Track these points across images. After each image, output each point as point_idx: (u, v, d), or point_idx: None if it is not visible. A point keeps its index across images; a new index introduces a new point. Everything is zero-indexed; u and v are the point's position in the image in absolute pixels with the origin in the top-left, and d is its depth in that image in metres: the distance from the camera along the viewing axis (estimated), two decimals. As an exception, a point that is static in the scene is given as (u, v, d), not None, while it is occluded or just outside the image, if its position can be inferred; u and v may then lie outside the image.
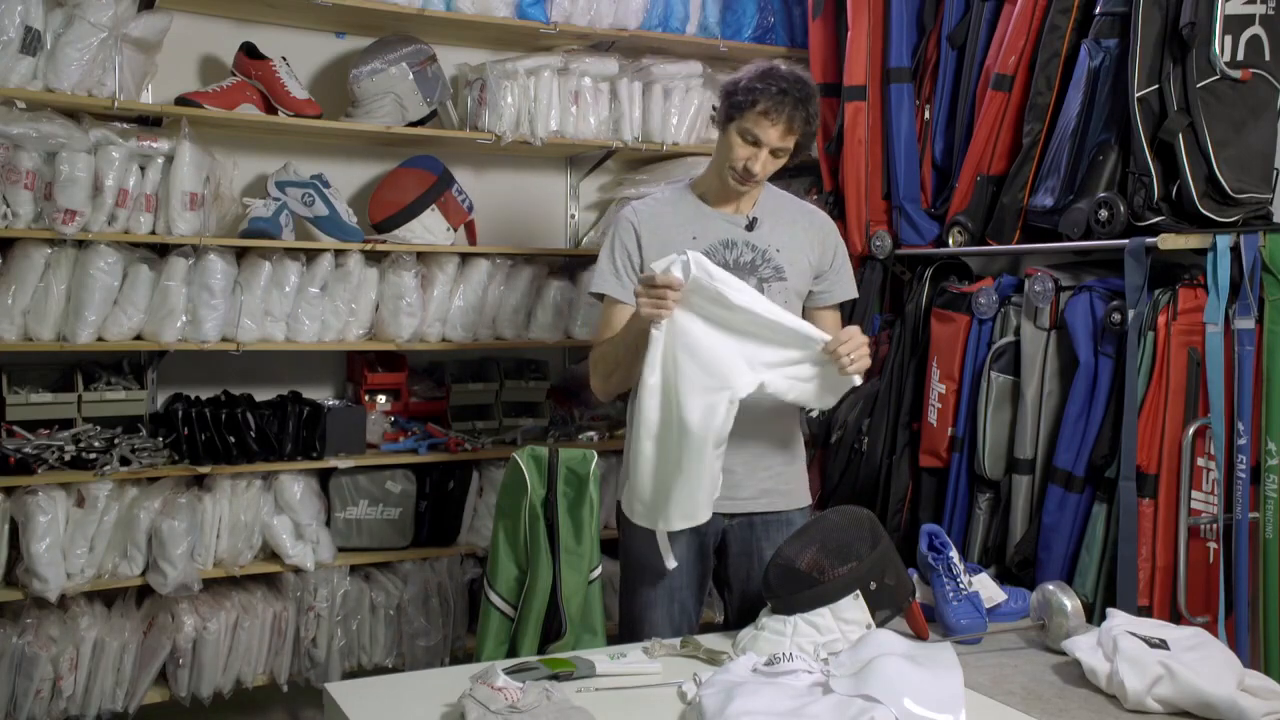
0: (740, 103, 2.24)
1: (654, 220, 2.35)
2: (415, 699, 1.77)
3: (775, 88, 2.21)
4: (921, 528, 2.31)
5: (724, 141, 2.30)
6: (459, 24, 3.31)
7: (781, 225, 2.38)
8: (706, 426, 2.08)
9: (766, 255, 2.34)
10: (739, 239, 2.34)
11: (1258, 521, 2.38)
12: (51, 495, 2.88)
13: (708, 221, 2.35)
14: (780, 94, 2.20)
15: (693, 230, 2.33)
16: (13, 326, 2.88)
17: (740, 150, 2.26)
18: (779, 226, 2.38)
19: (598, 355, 2.36)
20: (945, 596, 2.15)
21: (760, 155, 2.25)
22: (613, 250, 2.36)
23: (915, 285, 3.13)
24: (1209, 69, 2.46)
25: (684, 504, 2.14)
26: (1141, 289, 2.46)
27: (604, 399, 2.48)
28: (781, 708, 1.62)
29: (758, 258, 2.34)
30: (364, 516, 3.28)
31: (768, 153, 2.25)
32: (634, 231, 2.34)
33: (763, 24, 3.68)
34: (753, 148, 2.25)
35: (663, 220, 2.35)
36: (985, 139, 2.92)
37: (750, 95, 2.22)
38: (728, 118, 2.28)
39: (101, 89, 2.87)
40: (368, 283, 3.25)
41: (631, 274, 2.32)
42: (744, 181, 2.29)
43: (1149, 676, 1.76)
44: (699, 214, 2.37)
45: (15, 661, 2.82)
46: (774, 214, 2.39)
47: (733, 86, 2.27)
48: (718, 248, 2.32)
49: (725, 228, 2.35)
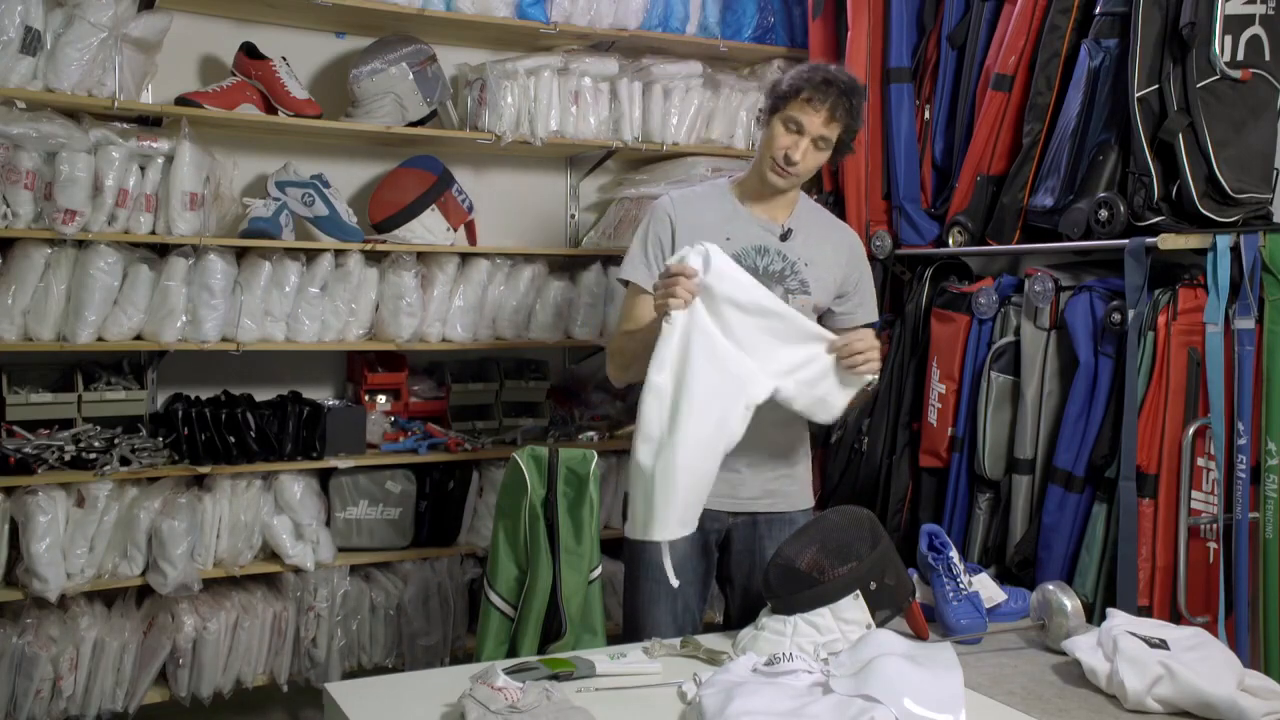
0: (785, 93, 2.26)
1: (691, 214, 2.33)
2: (415, 699, 1.77)
3: (820, 77, 2.23)
4: (921, 528, 2.31)
5: (767, 134, 2.30)
6: (459, 24, 3.31)
7: (814, 240, 2.37)
8: (719, 432, 2.04)
9: (795, 268, 2.33)
10: (772, 246, 2.33)
11: (1258, 521, 2.38)
12: (51, 495, 2.88)
13: (744, 224, 2.34)
14: (824, 83, 2.22)
15: (727, 230, 2.31)
16: (13, 326, 2.88)
17: (782, 138, 2.26)
18: (811, 241, 2.37)
19: (617, 345, 2.36)
20: (945, 596, 2.15)
21: (802, 144, 2.25)
22: (645, 238, 2.34)
23: (915, 285, 3.13)
24: (1209, 69, 2.46)
25: (685, 511, 2.07)
26: (1141, 289, 2.46)
27: (619, 385, 2.47)
28: (781, 708, 1.62)
29: (787, 268, 2.32)
30: (364, 516, 3.28)
31: (809, 142, 2.25)
32: (669, 222, 2.33)
33: (763, 24, 3.68)
34: (795, 135, 2.25)
35: (700, 215, 2.34)
36: (985, 139, 2.92)
37: (795, 84, 2.25)
38: (772, 109, 2.29)
39: (101, 89, 2.87)
40: (368, 283, 3.25)
41: (661, 264, 2.30)
42: (784, 172, 2.27)
43: (1149, 676, 1.76)
44: (736, 215, 2.35)
45: (15, 661, 2.82)
46: (808, 227, 2.38)
47: (779, 81, 2.30)
48: (750, 252, 2.31)
49: (760, 233, 2.33)
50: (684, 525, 2.06)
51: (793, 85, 2.25)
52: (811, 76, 2.24)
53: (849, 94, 2.24)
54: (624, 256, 2.39)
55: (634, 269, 2.34)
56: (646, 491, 2.02)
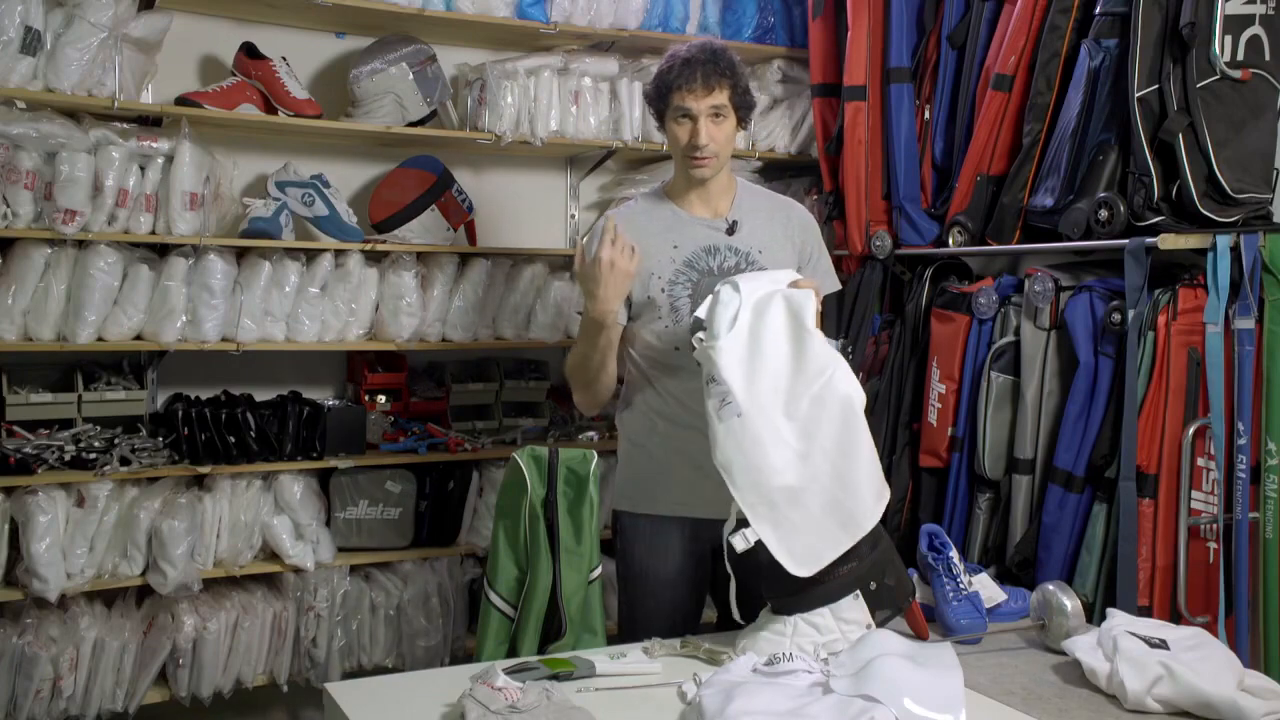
0: (659, 89, 2.27)
1: (634, 231, 2.29)
2: (415, 699, 1.77)
3: (679, 60, 2.24)
4: (921, 528, 2.31)
5: (668, 136, 2.31)
6: (459, 24, 3.31)
7: (760, 225, 2.36)
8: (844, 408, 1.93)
9: (750, 258, 2.31)
10: (721, 244, 2.32)
11: (1258, 521, 2.38)
12: (51, 495, 2.88)
13: (687, 228, 2.33)
14: (685, 63, 2.24)
15: (673, 239, 2.31)
16: (13, 326, 2.87)
17: (680, 131, 2.26)
18: (758, 226, 2.35)
19: (572, 365, 2.35)
20: (945, 596, 2.15)
21: (700, 126, 2.24)
22: None
23: (915, 285, 3.13)
24: (1209, 69, 2.46)
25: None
26: (1141, 289, 2.46)
27: (590, 412, 2.45)
28: (781, 708, 1.62)
29: (741, 261, 2.31)
30: (364, 516, 3.28)
31: (706, 120, 2.24)
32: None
33: (763, 24, 3.68)
34: (689, 123, 2.25)
35: (644, 230, 2.32)
36: (985, 139, 2.92)
37: (663, 78, 2.26)
38: (659, 114, 2.31)
39: (101, 89, 2.87)
40: (368, 283, 3.25)
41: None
42: (700, 161, 2.26)
43: (1149, 676, 1.76)
44: (677, 221, 2.34)
45: (15, 661, 2.81)
46: (752, 213, 2.37)
47: (648, 87, 2.32)
48: (700, 254, 2.30)
49: (706, 233, 2.32)
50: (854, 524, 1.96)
51: (661, 82, 2.27)
52: (670, 67, 2.25)
53: (712, 59, 2.24)
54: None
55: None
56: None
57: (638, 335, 2.35)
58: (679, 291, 2.29)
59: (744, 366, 1.93)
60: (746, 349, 1.95)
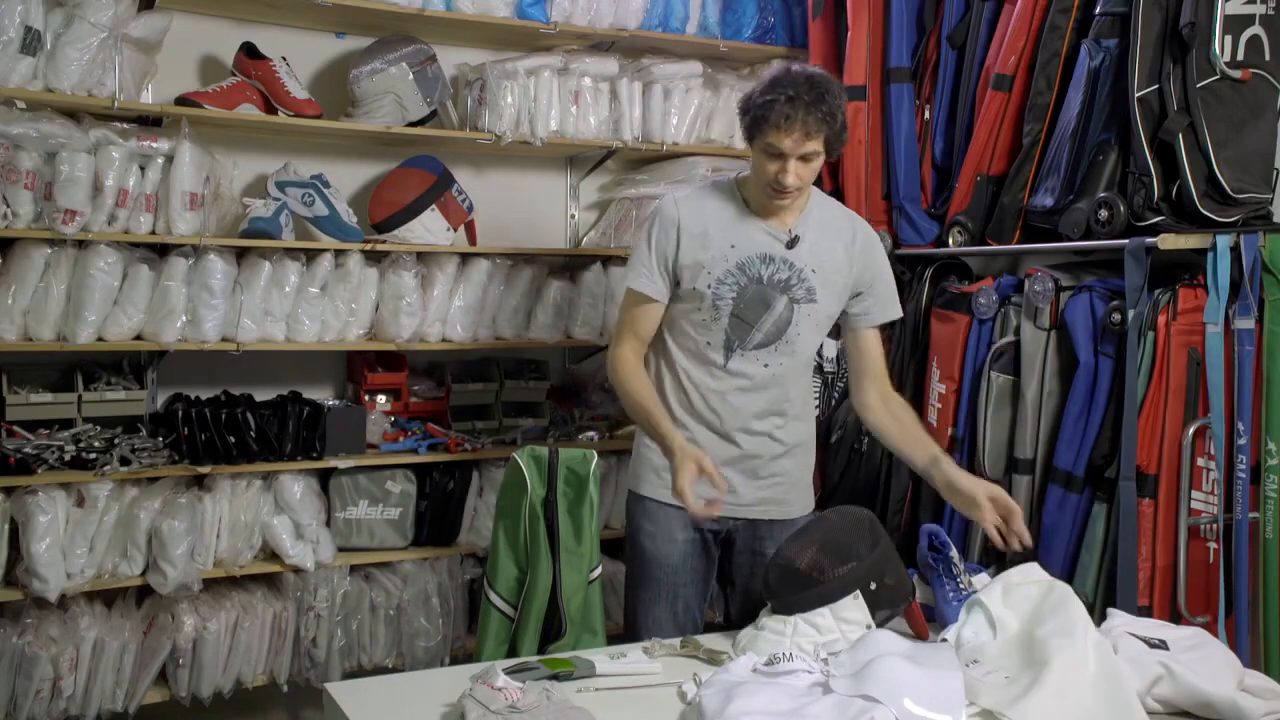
0: (755, 120, 2.19)
1: (696, 219, 2.28)
2: (415, 699, 1.77)
3: (784, 96, 2.13)
4: (921, 528, 2.30)
5: (754, 160, 2.25)
6: (459, 24, 3.31)
7: (823, 243, 2.31)
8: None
9: (802, 276, 2.28)
10: (777, 254, 2.28)
11: (1258, 521, 2.38)
12: (51, 495, 2.88)
13: (750, 231, 2.29)
14: (789, 102, 2.13)
15: (732, 238, 2.28)
16: (13, 326, 2.88)
17: (768, 166, 2.20)
18: (820, 246, 2.31)
19: (627, 392, 2.29)
20: (945, 596, 2.15)
21: (789, 166, 2.18)
22: (650, 243, 2.30)
23: (915, 285, 3.13)
24: (1209, 69, 2.46)
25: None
26: (1141, 289, 2.46)
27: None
28: (781, 708, 1.62)
29: (793, 277, 2.28)
30: (364, 516, 3.28)
31: (796, 161, 2.18)
32: (674, 227, 2.29)
33: (763, 24, 3.68)
34: (779, 160, 2.18)
35: (705, 220, 2.29)
36: (985, 139, 2.92)
37: (761, 111, 2.16)
38: (749, 136, 2.24)
39: (101, 89, 2.87)
40: (368, 283, 3.25)
41: (665, 273, 2.29)
42: (780, 195, 2.23)
43: (1149, 676, 1.76)
44: (742, 221, 2.30)
45: (15, 661, 2.82)
46: (818, 229, 2.32)
47: (746, 104, 2.22)
48: (754, 261, 2.27)
49: (766, 241, 2.29)
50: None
51: (760, 112, 2.17)
52: (775, 99, 2.14)
53: (816, 103, 2.14)
54: (629, 257, 2.38)
55: (637, 276, 2.31)
56: None
57: (675, 320, 2.34)
58: (724, 291, 2.27)
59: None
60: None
